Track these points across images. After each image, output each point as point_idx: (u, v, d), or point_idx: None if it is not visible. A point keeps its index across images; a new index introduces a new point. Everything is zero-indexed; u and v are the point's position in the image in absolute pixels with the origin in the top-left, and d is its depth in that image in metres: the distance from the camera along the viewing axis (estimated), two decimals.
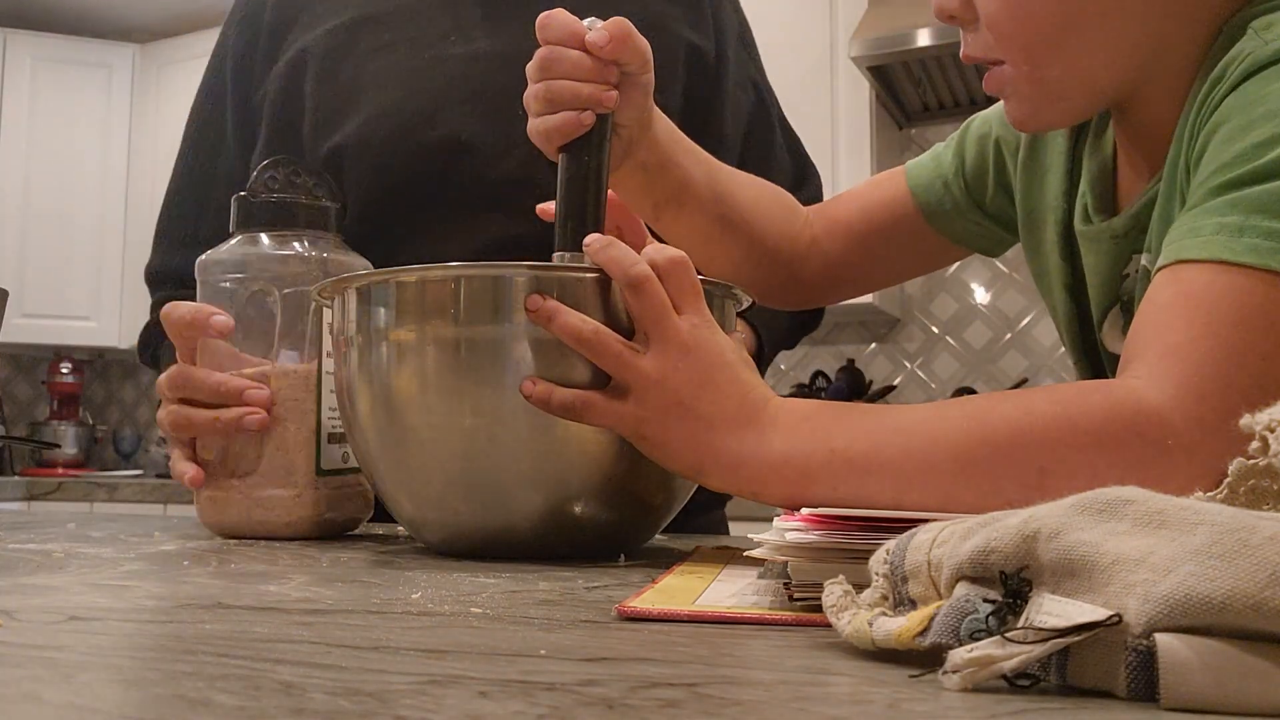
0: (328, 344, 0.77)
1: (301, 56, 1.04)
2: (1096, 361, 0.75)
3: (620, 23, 0.69)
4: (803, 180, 1.15)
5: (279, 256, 0.79)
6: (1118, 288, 0.70)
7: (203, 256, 0.81)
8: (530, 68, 0.70)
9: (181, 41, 3.94)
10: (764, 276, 0.87)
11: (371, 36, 1.04)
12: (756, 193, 0.86)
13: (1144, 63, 0.64)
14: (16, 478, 3.47)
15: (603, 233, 0.67)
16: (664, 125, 0.78)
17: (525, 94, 0.71)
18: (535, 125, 0.70)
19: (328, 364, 0.77)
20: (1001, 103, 0.70)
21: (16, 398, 4.26)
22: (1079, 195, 0.74)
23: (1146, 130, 0.67)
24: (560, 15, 0.69)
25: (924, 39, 2.52)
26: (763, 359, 1.06)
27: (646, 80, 0.72)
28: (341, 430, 0.78)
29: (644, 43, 0.70)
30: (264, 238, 0.80)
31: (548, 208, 0.73)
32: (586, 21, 0.70)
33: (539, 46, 0.70)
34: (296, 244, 0.80)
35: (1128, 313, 0.70)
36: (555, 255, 0.67)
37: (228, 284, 0.79)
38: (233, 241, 0.81)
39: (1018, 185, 0.80)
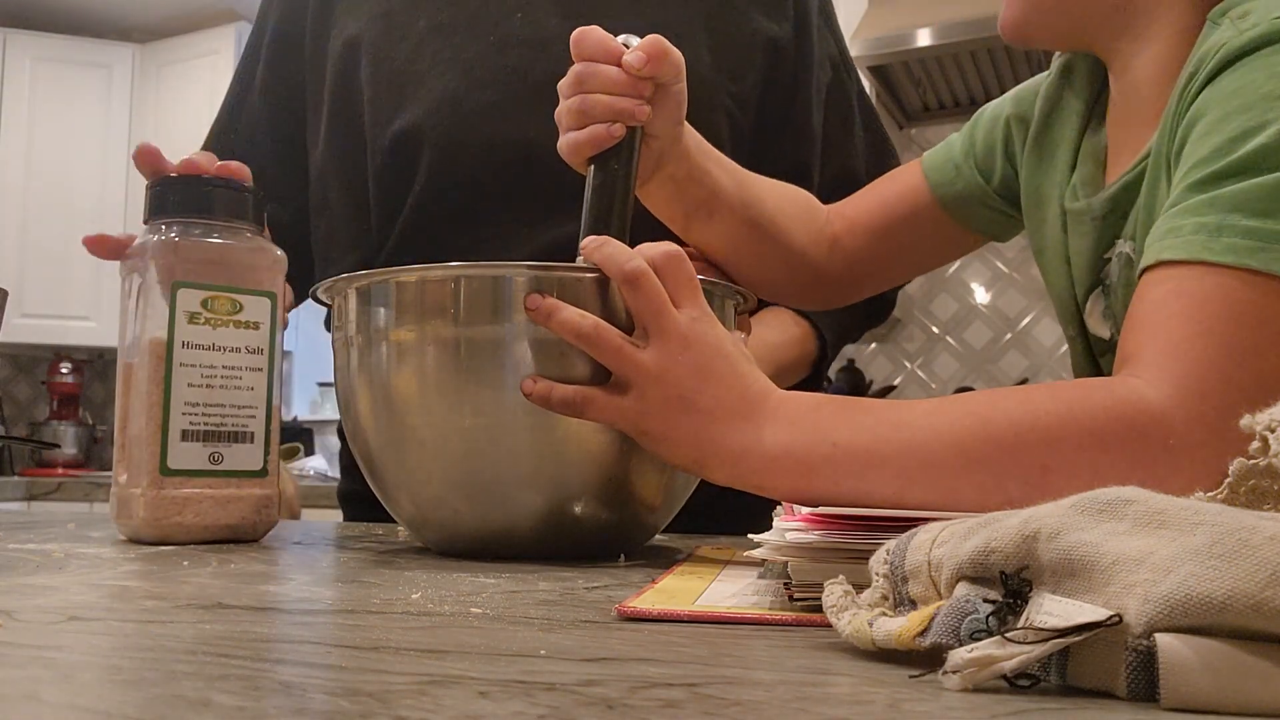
0: (182, 331, 0.70)
1: (355, 40, 0.99)
2: (1088, 337, 0.76)
3: (656, 40, 0.69)
4: (880, 161, 1.09)
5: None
6: (1099, 270, 0.71)
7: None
8: (564, 85, 0.71)
9: (181, 41, 3.94)
10: (790, 277, 0.88)
11: (429, 13, 0.97)
12: (780, 196, 0.87)
13: (1123, 4, 0.67)
14: (16, 478, 3.46)
15: (628, 242, 0.67)
16: (693, 136, 0.79)
17: (557, 110, 0.72)
18: (565, 140, 0.71)
19: (183, 355, 0.70)
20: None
21: (16, 398, 4.26)
22: (1074, 172, 0.74)
23: (1134, 113, 0.68)
24: (595, 32, 0.70)
25: (924, 39, 2.52)
26: (825, 358, 1.04)
27: (679, 90, 0.73)
28: (211, 429, 0.71)
29: (678, 56, 0.71)
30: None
31: None
32: (621, 38, 0.70)
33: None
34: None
35: (1107, 295, 0.71)
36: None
37: None
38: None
39: (1024, 160, 0.81)
